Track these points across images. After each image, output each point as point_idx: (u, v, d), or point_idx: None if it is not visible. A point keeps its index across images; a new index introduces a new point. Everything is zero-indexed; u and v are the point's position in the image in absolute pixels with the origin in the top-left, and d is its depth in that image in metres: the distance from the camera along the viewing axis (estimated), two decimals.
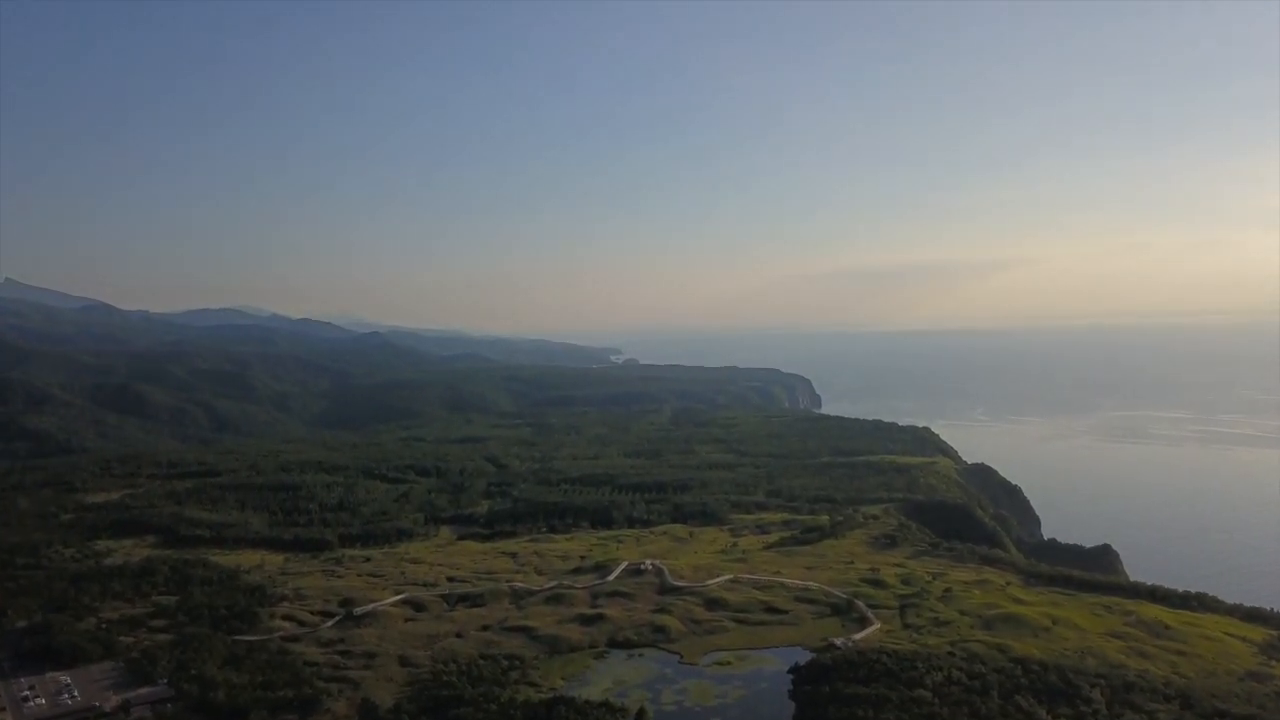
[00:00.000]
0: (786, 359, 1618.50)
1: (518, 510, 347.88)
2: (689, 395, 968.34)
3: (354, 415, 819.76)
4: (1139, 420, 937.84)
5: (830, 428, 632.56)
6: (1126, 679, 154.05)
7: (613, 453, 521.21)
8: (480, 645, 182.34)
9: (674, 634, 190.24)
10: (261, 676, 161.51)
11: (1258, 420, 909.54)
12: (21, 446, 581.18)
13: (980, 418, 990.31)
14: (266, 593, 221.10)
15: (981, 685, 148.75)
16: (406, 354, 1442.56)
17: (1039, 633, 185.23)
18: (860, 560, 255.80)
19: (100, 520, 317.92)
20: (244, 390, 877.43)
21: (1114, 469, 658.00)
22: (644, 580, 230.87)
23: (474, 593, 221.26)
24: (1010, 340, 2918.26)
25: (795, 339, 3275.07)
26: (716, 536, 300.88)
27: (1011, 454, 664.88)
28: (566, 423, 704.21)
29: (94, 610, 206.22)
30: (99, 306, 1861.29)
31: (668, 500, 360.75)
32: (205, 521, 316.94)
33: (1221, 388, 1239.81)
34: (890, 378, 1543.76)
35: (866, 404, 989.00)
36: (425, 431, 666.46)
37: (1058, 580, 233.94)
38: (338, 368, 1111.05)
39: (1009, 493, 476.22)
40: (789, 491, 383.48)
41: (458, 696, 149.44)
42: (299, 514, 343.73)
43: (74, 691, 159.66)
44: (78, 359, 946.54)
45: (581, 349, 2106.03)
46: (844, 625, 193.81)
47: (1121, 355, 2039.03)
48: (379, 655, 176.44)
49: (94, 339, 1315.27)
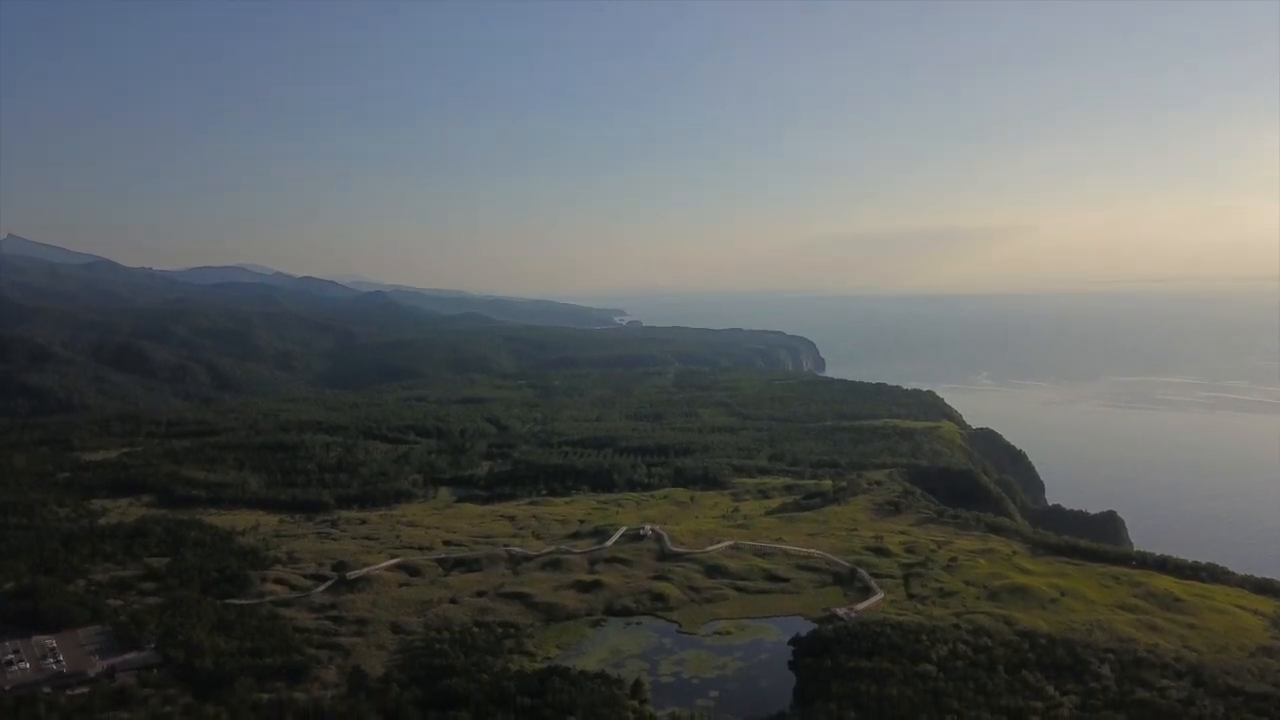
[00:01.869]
0: (791, 322, 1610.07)
1: (518, 473, 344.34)
2: (692, 357, 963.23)
3: (356, 375, 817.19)
4: (1145, 386, 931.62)
5: (834, 391, 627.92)
6: (1136, 654, 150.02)
7: (615, 415, 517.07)
8: (475, 612, 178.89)
9: (673, 602, 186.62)
10: (250, 643, 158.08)
11: (1265, 386, 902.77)
12: (22, 404, 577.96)
13: (985, 382, 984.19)
14: (259, 555, 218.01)
15: (987, 660, 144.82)
16: (410, 314, 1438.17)
17: (1046, 604, 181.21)
18: (863, 527, 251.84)
19: (97, 479, 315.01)
20: (247, 349, 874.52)
21: (1119, 435, 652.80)
22: (643, 546, 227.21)
23: (470, 557, 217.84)
24: (1017, 305, 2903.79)
25: (800, 302, 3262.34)
26: (718, 501, 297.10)
27: (1016, 419, 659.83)
28: (569, 384, 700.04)
29: (84, 572, 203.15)
30: (102, 263, 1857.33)
31: (669, 464, 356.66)
32: (202, 481, 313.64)
33: (1228, 354, 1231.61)
34: (895, 342, 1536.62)
35: (871, 367, 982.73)
36: (427, 392, 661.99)
37: (1064, 550, 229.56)
38: (341, 327, 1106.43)
39: (1013, 458, 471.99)
40: (791, 455, 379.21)
41: (449, 666, 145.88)
42: (297, 474, 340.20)
43: (59, 656, 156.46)
44: (80, 316, 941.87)
45: (585, 310, 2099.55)
46: (847, 595, 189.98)
47: (1128, 321, 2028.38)
48: (371, 622, 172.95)
49: (97, 296, 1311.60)
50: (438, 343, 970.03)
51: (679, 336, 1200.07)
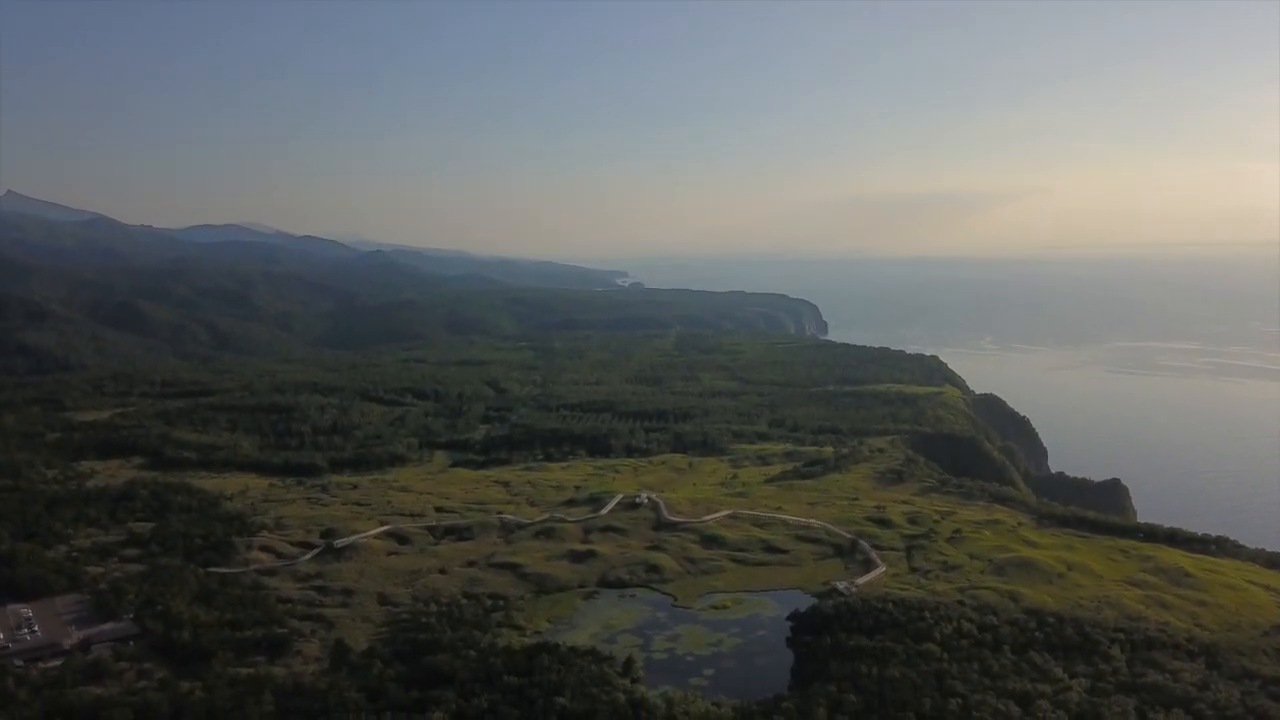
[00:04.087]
0: (794, 285, 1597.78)
1: (514, 437, 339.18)
2: (694, 320, 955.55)
3: (356, 335, 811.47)
4: (1149, 351, 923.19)
5: (836, 355, 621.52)
6: (1147, 633, 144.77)
7: (614, 378, 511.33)
8: (464, 583, 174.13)
9: (668, 573, 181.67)
10: (231, 614, 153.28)
11: (1268, 352, 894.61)
12: (19, 362, 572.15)
13: (989, 346, 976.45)
14: (246, 521, 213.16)
15: (993, 639, 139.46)
16: (410, 274, 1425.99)
17: (1053, 579, 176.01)
18: (865, 496, 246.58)
19: (87, 440, 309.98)
20: (246, 309, 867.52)
21: (1123, 400, 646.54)
22: (639, 515, 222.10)
23: (461, 525, 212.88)
24: (1021, 270, 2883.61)
25: (804, 265, 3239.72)
26: (716, 467, 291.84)
27: (1019, 384, 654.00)
28: (569, 346, 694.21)
29: (66, 538, 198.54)
30: (101, 220, 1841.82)
31: (668, 429, 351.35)
32: (194, 443, 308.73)
33: (1232, 320, 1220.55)
34: (899, 306, 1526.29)
35: (874, 331, 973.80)
36: (426, 353, 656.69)
37: (1071, 521, 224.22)
38: (341, 287, 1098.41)
39: (1016, 424, 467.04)
40: (792, 421, 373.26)
41: (435, 641, 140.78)
42: (290, 436, 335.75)
43: (34, 626, 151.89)
44: (78, 274, 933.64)
45: (587, 272, 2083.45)
46: (847, 568, 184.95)
47: (1132, 286, 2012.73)
48: (357, 592, 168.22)
49: (96, 254, 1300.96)
50: (438, 304, 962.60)
51: (681, 299, 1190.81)
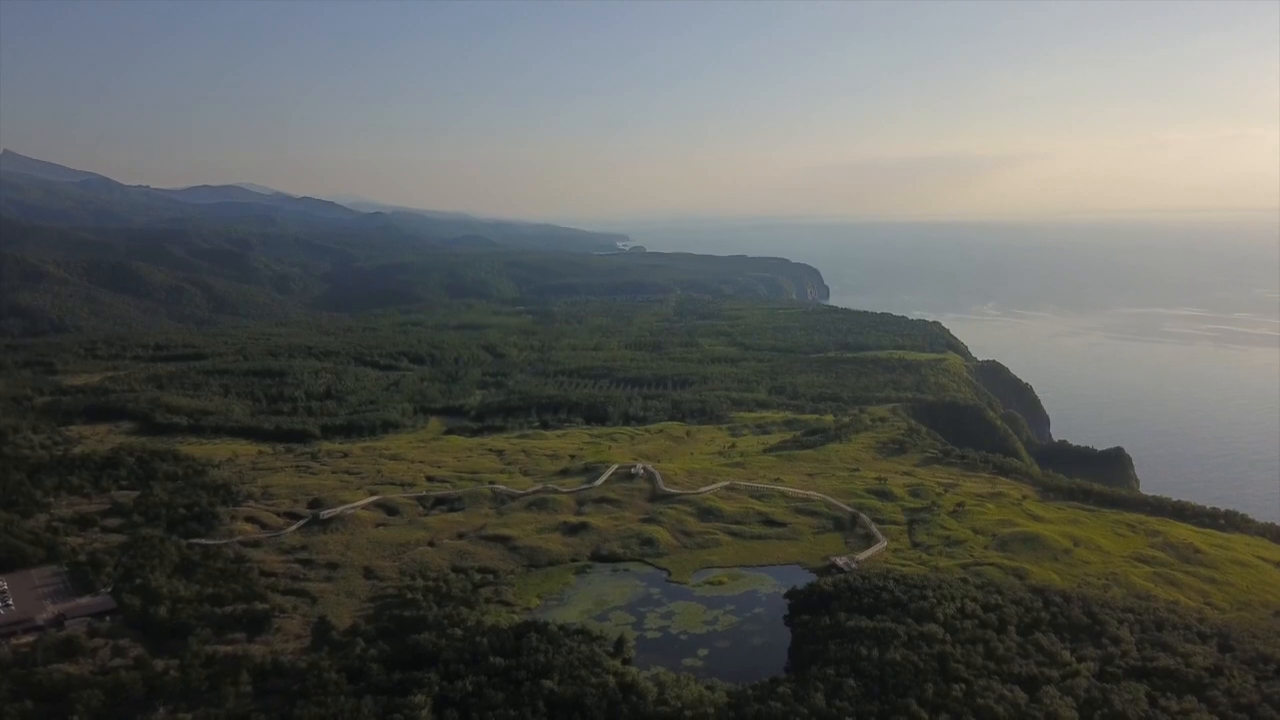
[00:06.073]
0: (796, 250, 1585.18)
1: (510, 403, 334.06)
2: (695, 284, 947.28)
3: (354, 298, 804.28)
4: (1152, 317, 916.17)
5: (838, 321, 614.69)
6: (1157, 613, 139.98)
7: (613, 344, 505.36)
8: (453, 556, 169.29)
9: (663, 547, 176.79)
10: (212, 588, 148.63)
11: (1272, 319, 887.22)
12: (14, 324, 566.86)
13: (991, 312, 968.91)
14: (232, 491, 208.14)
15: (998, 619, 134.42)
16: (410, 237, 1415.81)
17: (1059, 555, 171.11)
18: (866, 467, 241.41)
19: (76, 404, 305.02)
20: (244, 271, 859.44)
21: (1126, 367, 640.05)
22: (634, 486, 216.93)
23: (452, 495, 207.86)
24: (1024, 234, 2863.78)
25: (807, 229, 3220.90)
26: (715, 436, 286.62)
27: (1022, 350, 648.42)
28: (569, 311, 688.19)
29: (46, 506, 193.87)
30: (99, 181, 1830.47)
31: (666, 396, 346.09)
32: (184, 408, 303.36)
33: (1236, 286, 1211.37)
34: (901, 271, 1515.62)
35: (876, 297, 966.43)
36: (424, 317, 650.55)
37: (1076, 494, 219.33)
38: (340, 249, 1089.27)
39: (1019, 391, 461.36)
40: (792, 389, 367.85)
41: (421, 618, 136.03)
42: (283, 402, 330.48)
43: (9, 600, 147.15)
44: (75, 235, 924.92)
45: (588, 235, 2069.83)
46: (847, 542, 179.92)
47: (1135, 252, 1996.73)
48: (342, 566, 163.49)
49: (93, 214, 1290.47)
50: (437, 267, 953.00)
51: (682, 263, 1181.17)
